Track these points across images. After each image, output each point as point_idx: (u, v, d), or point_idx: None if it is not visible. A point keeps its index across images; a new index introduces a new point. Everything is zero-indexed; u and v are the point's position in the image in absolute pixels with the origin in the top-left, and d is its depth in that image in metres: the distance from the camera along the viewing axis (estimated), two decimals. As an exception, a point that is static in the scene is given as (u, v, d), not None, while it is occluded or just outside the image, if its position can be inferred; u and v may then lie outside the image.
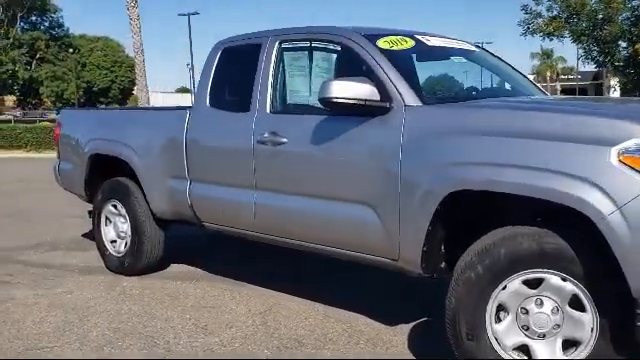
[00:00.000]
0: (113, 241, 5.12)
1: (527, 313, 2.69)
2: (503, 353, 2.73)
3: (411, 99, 3.22)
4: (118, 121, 5.35)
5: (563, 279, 2.60)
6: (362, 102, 3.19)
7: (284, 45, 3.99)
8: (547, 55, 57.98)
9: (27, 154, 22.69)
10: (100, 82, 60.53)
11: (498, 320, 2.76)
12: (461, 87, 4.32)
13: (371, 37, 3.61)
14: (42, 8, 59.07)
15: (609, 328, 2.53)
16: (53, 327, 3.82)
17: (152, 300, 4.34)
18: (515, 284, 2.69)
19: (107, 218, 5.15)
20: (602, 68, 28.30)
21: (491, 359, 2.74)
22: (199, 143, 4.32)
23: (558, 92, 47.78)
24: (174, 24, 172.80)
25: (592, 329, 2.58)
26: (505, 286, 2.71)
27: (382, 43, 3.57)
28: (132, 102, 56.40)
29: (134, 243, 4.87)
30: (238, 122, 4.03)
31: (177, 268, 5.20)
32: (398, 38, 3.70)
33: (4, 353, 3.44)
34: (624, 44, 22.87)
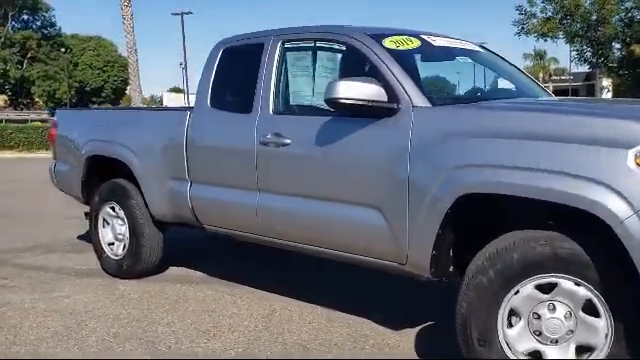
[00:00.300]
0: (111, 243, 5.03)
1: (539, 318, 2.64)
2: (515, 359, 2.68)
3: (419, 100, 3.17)
4: (116, 122, 5.25)
5: (577, 284, 2.55)
6: (369, 103, 3.13)
7: (287, 45, 3.92)
8: (540, 56, 58.08)
9: (19, 154, 22.54)
10: (92, 82, 60.09)
11: (510, 325, 2.71)
12: (467, 88, 4.27)
13: (377, 37, 3.55)
14: (34, 7, 58.54)
15: (625, 334, 2.48)
16: (51, 332, 3.74)
17: (151, 304, 4.27)
18: (528, 289, 2.64)
19: (105, 220, 5.07)
20: (595, 69, 28.42)
21: (503, 365, 2.68)
22: (200, 144, 4.24)
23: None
24: (167, 23, 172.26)
25: (606, 335, 2.52)
26: (517, 291, 2.65)
27: (388, 43, 3.51)
28: (125, 102, 56.06)
29: (132, 245, 4.79)
30: (240, 123, 3.97)
31: (176, 271, 5.13)
32: (404, 38, 3.64)
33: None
34: (618, 45, 23.01)
